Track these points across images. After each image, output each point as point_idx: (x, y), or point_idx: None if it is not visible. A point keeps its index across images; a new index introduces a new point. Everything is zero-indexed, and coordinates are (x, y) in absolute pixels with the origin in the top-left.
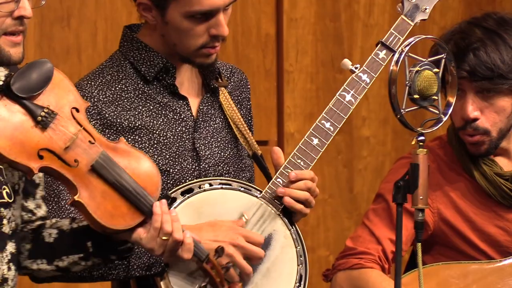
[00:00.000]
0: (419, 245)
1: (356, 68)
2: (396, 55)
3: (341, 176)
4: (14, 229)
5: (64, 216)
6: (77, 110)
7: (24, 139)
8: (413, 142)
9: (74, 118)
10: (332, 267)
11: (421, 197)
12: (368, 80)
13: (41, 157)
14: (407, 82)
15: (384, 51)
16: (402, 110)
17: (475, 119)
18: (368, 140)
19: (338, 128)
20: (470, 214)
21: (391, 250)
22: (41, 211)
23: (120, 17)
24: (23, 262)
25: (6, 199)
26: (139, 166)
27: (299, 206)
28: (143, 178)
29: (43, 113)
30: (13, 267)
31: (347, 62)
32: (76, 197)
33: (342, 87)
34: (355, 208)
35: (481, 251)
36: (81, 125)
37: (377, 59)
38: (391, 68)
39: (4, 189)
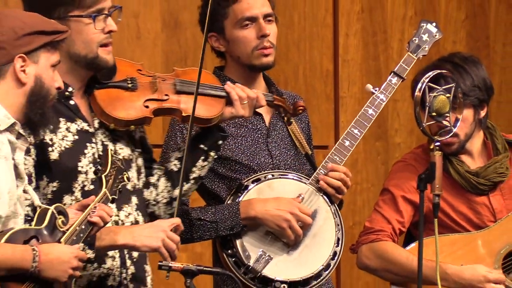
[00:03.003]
0: (436, 220)
1: (375, 90)
2: (420, 84)
3: (380, 171)
4: (133, 187)
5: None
6: (140, 69)
7: (131, 103)
8: (431, 147)
9: (143, 74)
10: (356, 242)
11: (437, 186)
12: (384, 99)
13: (147, 107)
14: (427, 104)
15: (396, 78)
16: (423, 124)
17: None
18: (399, 146)
19: (363, 133)
20: (450, 200)
21: (398, 228)
22: (166, 164)
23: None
24: (172, 195)
25: (126, 181)
26: (197, 74)
27: (331, 190)
28: (206, 78)
29: (129, 81)
30: (140, 214)
31: (369, 86)
32: (183, 114)
33: (366, 104)
34: None
35: (461, 226)
36: (151, 75)
37: (390, 84)
38: (416, 94)
39: (125, 174)
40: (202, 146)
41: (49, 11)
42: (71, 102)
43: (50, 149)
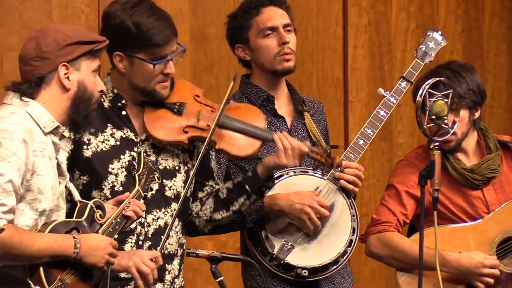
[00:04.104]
0: (435, 212)
1: (386, 93)
2: (420, 91)
3: (384, 168)
4: (176, 194)
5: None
6: (198, 96)
7: (172, 126)
8: (431, 146)
9: (197, 101)
10: (365, 233)
11: (436, 181)
12: (394, 101)
13: (186, 132)
14: (427, 108)
15: (405, 82)
16: (424, 126)
17: None
18: (402, 145)
19: (376, 133)
20: (448, 194)
21: (402, 219)
22: (219, 186)
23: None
24: (212, 216)
25: (156, 180)
26: (248, 112)
27: (350, 186)
28: (253, 118)
29: (176, 106)
30: (176, 219)
31: (381, 90)
32: (216, 147)
33: (378, 106)
34: None
35: (458, 218)
36: (201, 103)
37: (400, 87)
38: (417, 99)
39: (155, 174)
40: (247, 187)
41: (119, 48)
42: (123, 113)
43: (85, 147)
